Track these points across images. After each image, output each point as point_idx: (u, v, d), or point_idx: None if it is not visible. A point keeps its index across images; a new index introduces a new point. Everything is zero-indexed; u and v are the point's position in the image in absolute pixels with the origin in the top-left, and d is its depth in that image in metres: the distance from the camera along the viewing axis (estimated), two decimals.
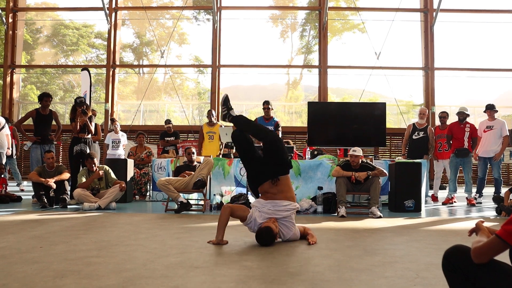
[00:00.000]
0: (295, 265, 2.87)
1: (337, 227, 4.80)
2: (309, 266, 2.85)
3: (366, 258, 3.10)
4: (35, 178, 6.56)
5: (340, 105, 9.56)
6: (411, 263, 2.95)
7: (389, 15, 15.12)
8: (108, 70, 16.08)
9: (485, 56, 17.95)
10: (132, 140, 10.89)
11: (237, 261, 2.97)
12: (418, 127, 8.20)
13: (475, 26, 16.76)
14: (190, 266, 2.79)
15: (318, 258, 3.09)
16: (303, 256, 3.18)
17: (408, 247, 3.57)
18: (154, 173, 8.03)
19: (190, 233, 4.17)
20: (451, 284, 1.82)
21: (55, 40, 21.07)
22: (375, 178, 5.88)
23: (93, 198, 6.40)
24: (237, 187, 7.23)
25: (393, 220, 5.45)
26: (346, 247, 3.54)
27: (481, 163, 7.85)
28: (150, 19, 17.58)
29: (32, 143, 7.68)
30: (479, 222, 1.95)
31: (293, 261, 2.99)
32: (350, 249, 3.45)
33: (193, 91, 21.74)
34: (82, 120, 7.26)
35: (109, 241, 3.67)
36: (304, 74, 20.14)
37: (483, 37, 17.63)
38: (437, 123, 9.29)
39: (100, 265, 2.80)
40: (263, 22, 19.12)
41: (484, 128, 7.88)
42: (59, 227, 4.50)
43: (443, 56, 16.31)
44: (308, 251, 3.38)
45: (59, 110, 19.27)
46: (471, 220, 5.47)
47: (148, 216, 5.74)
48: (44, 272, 2.60)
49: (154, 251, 3.29)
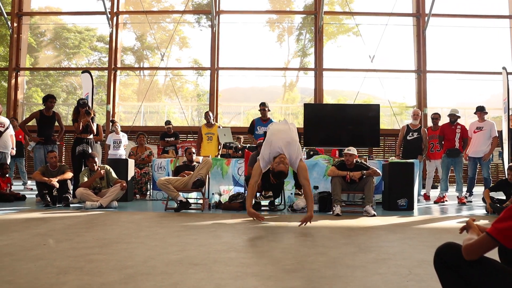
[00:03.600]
0: (291, 262, 2.87)
1: (332, 225, 4.80)
2: (305, 263, 2.85)
3: (361, 255, 3.11)
4: (39, 177, 6.55)
5: (336, 106, 9.56)
6: (404, 260, 2.96)
7: (383, 20, 15.13)
8: (110, 72, 16.04)
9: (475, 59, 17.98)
10: (132, 141, 10.87)
11: (235, 258, 2.97)
12: (412, 128, 8.22)
13: (465, 30, 16.79)
14: (189, 263, 2.79)
15: (314, 255, 3.09)
16: (299, 253, 3.18)
17: (401, 244, 3.58)
18: (154, 172, 8.02)
19: (190, 231, 4.16)
20: (442, 280, 1.82)
21: (58, 43, 21.01)
22: (369, 178, 5.89)
23: (95, 197, 6.38)
24: (235, 186, 7.23)
25: (387, 218, 5.46)
26: (341, 244, 3.54)
27: (471, 163, 7.87)
28: (151, 22, 17.54)
29: (36, 143, 7.65)
30: (470, 220, 1.95)
31: (289, 258, 2.99)
32: (345, 246, 3.45)
33: (192, 93, 21.69)
34: (85, 120, 7.24)
35: (110, 239, 3.66)
36: (301, 77, 20.14)
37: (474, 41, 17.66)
38: (429, 124, 9.30)
39: (102, 262, 2.79)
40: (260, 26, 19.13)
41: (474, 129, 7.90)
42: (62, 225, 4.49)
43: (435, 59, 16.32)
44: (304, 248, 3.38)
45: (62, 111, 19.21)
46: (462, 218, 5.48)
47: (148, 214, 5.73)
48: (47, 269, 2.60)
49: (154, 248, 3.28)
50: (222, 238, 3.81)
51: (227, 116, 18.68)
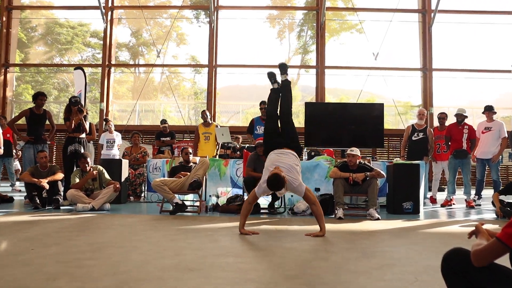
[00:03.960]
0: (292, 267, 2.85)
1: (334, 229, 4.78)
2: (307, 268, 2.83)
3: (364, 260, 3.09)
4: (28, 178, 6.51)
5: (338, 105, 9.55)
6: (409, 266, 2.94)
7: (387, 16, 15.14)
8: (104, 69, 16.04)
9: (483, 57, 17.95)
10: (127, 140, 10.85)
11: (233, 263, 2.95)
12: (417, 128, 8.20)
13: (473, 27, 16.79)
14: (185, 269, 2.77)
15: (315, 260, 3.08)
16: (300, 258, 3.16)
17: (406, 249, 3.56)
18: (149, 173, 8.01)
19: (186, 235, 4.14)
20: (450, 287, 1.81)
21: (49, 38, 20.98)
22: (373, 180, 5.88)
23: (86, 199, 6.36)
24: (233, 188, 7.21)
25: (391, 222, 5.45)
26: (343, 249, 3.52)
27: (479, 164, 7.86)
28: (147, 18, 17.53)
29: (25, 142, 7.63)
30: (479, 224, 1.94)
31: (290, 263, 2.97)
32: (348, 251, 3.44)
33: (190, 91, 21.69)
34: (77, 119, 7.22)
35: (102, 243, 3.64)
36: (302, 75, 20.12)
37: (482, 38, 17.65)
38: (436, 124, 9.29)
39: (94, 267, 2.77)
40: (260, 22, 19.10)
41: (482, 129, 7.89)
42: (52, 229, 4.47)
43: (441, 57, 16.33)
44: (305, 253, 3.36)
45: (53, 109, 19.19)
46: (470, 223, 5.47)
47: (142, 217, 5.71)
48: (36, 275, 2.58)
49: (148, 253, 3.27)
50: (220, 242, 3.79)
51: (225, 115, 18.68)
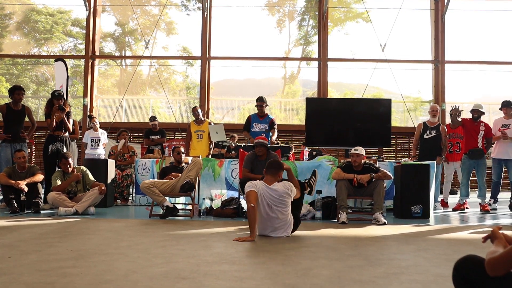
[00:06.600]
0: (291, 276, 2.87)
1: (337, 234, 4.80)
2: (307, 277, 2.85)
3: (369, 268, 3.11)
4: (4, 180, 6.50)
5: (341, 101, 9.59)
6: (418, 274, 2.96)
7: (396, 3, 15.15)
8: (87, 61, 15.99)
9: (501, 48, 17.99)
10: (113, 139, 10.85)
11: (228, 271, 2.97)
12: (430, 126, 8.15)
13: (490, 14, 16.82)
14: (176, 277, 2.79)
15: (316, 268, 3.09)
16: (300, 266, 3.18)
17: (415, 257, 3.58)
18: (137, 174, 8.01)
19: (177, 241, 4.16)
20: None
21: (26, 27, 20.90)
22: (379, 181, 5.89)
23: (69, 202, 6.35)
24: (228, 190, 7.23)
25: (399, 227, 5.47)
26: (347, 256, 3.54)
27: (495, 165, 7.87)
28: (133, 5, 17.50)
29: (1, 141, 7.61)
30: (496, 228, 1.92)
31: (289, 271, 2.99)
32: (351, 258, 3.45)
33: (181, 85, 21.71)
34: (58, 117, 7.21)
35: (87, 250, 3.65)
36: (302, 68, 20.17)
37: (499, 28, 17.70)
38: (448, 121, 9.31)
39: (77, 277, 2.78)
40: (258, 10, 19.13)
41: (499, 127, 7.88)
42: (31, 235, 4.47)
43: (455, 48, 16.38)
44: (305, 261, 3.38)
45: (32, 105, 19.13)
46: (484, 228, 5.49)
47: (130, 222, 5.71)
48: (13, 285, 2.58)
49: (136, 260, 3.28)
50: (213, 248, 3.81)
51: (219, 112, 18.68)
